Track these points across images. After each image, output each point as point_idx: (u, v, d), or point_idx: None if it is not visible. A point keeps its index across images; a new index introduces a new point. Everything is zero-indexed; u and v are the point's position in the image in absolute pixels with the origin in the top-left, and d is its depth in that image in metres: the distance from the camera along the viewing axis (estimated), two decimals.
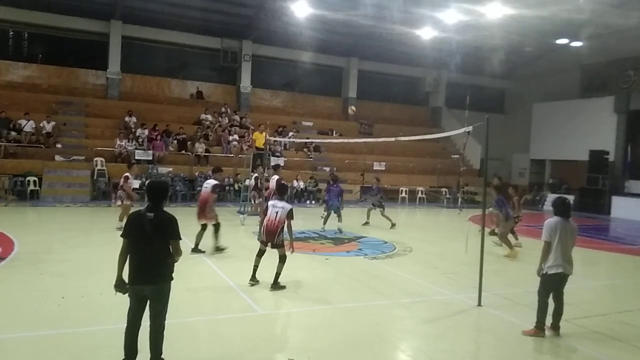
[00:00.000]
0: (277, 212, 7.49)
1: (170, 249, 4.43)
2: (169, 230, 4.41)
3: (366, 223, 14.77)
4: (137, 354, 4.41)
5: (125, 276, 4.42)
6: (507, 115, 32.06)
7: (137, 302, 4.40)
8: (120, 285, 4.41)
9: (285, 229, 7.54)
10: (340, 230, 13.27)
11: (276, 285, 7.43)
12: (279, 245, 7.49)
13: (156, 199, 4.49)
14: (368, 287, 8.03)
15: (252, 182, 14.49)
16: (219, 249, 9.78)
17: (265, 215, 7.64)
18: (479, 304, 7.11)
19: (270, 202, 7.87)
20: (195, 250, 9.61)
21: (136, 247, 4.37)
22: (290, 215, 7.48)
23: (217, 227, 9.78)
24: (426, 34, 23.56)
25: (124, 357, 4.38)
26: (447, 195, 24.14)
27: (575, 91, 27.25)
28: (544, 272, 5.96)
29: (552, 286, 5.99)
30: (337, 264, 9.67)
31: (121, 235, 4.45)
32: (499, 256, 11.05)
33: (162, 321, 4.44)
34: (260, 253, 7.68)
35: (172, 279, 4.49)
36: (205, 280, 7.96)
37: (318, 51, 26.00)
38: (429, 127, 27.64)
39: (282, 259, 7.48)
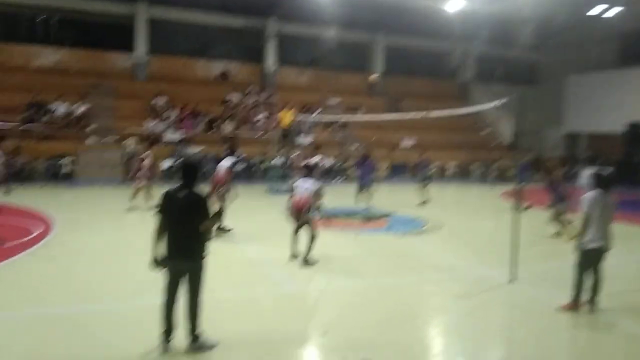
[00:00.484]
0: (304, 191, 7.55)
1: (202, 227, 4.49)
2: (201, 209, 4.49)
3: (424, 202, 14.43)
4: (175, 327, 4.53)
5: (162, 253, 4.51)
6: (538, 88, 31.05)
7: (173, 278, 4.51)
8: (157, 262, 4.52)
9: (316, 206, 7.59)
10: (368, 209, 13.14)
11: (307, 262, 7.51)
12: (308, 223, 7.57)
13: (188, 178, 4.54)
14: (398, 264, 8.01)
15: (292, 159, 14.34)
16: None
17: (294, 194, 7.69)
18: (512, 281, 6.98)
19: (298, 181, 7.91)
20: (221, 229, 9.49)
21: (170, 225, 4.47)
22: (318, 193, 7.53)
23: (219, 213, 9.26)
24: (453, 6, 22.88)
25: (163, 330, 4.51)
26: (478, 171, 23.70)
27: (612, 61, 26.11)
28: (582, 247, 5.79)
29: (590, 261, 5.81)
30: (367, 241, 9.67)
31: (155, 213, 4.54)
32: (533, 232, 10.77)
33: (197, 297, 4.55)
34: (296, 230, 7.76)
35: (206, 255, 4.56)
36: (236, 256, 8.10)
37: (344, 27, 25.51)
38: (458, 101, 27.03)
39: (312, 235, 7.52)
